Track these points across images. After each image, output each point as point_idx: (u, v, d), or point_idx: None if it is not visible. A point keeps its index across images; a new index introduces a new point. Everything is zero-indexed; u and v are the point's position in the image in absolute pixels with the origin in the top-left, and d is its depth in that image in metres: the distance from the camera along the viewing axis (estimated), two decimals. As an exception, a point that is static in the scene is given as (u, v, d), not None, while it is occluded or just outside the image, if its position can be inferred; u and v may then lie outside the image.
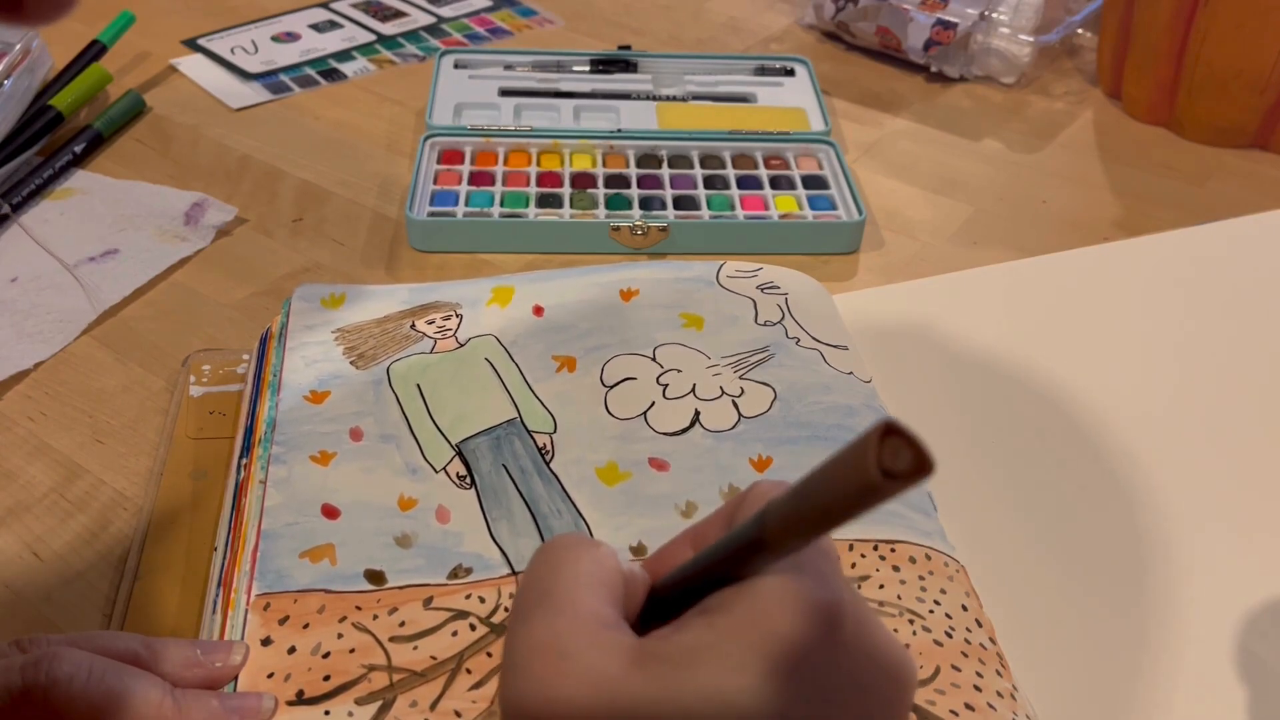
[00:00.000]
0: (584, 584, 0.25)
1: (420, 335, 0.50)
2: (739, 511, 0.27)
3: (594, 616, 0.25)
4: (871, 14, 0.80)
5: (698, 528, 0.29)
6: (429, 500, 0.43)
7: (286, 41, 0.83)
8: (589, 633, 0.24)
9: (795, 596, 0.23)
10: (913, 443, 0.19)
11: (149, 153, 0.70)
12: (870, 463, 0.19)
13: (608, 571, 0.26)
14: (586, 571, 0.26)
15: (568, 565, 0.26)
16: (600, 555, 0.27)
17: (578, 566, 0.26)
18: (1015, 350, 0.54)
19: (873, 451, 0.19)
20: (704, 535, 0.28)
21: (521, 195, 0.64)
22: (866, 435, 0.19)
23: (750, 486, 0.28)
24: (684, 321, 0.51)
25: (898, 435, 0.19)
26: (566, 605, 0.25)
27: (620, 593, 0.26)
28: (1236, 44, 0.69)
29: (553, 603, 0.25)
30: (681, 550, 0.28)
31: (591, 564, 0.26)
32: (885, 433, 0.19)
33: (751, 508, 0.26)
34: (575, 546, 0.27)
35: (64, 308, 0.56)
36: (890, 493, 0.19)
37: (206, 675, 0.36)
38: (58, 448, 0.49)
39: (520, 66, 0.76)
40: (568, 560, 0.26)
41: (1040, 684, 0.39)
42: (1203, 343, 0.56)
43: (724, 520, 0.28)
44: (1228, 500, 0.47)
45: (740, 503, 0.27)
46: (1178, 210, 0.67)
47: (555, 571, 0.26)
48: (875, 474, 0.19)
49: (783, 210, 0.64)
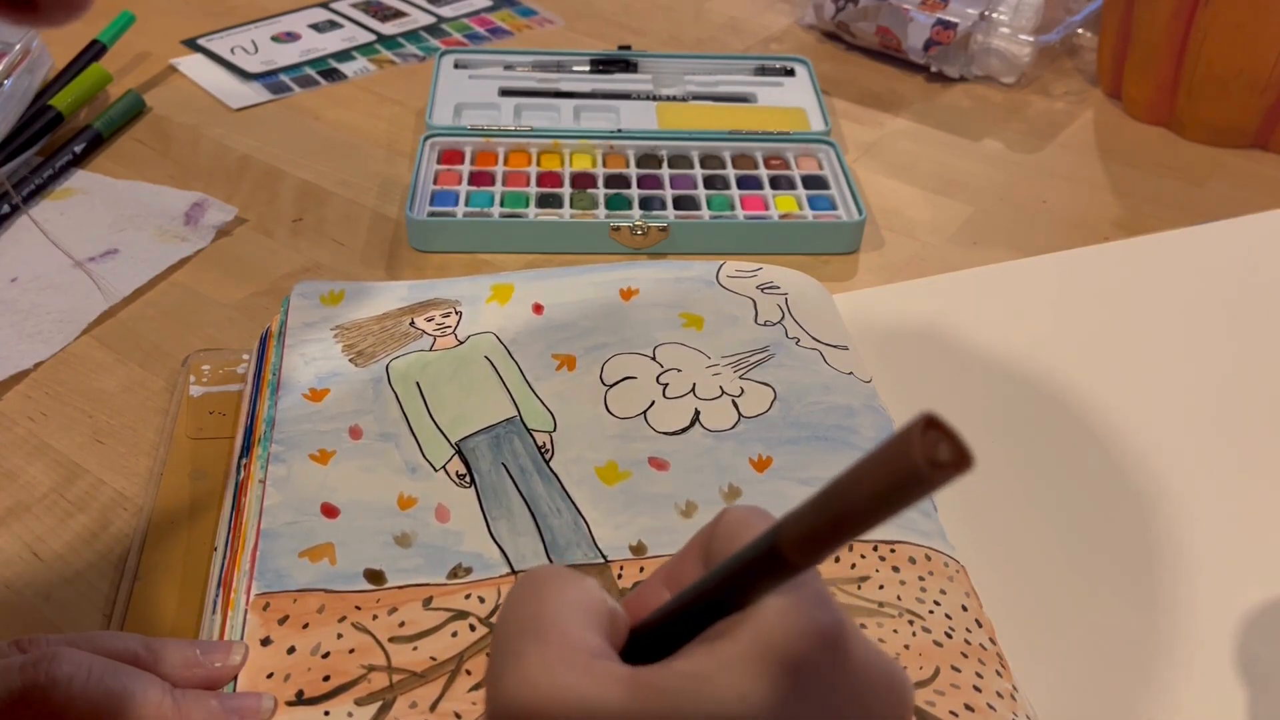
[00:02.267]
0: (572, 612, 0.24)
1: (420, 333, 0.50)
2: (712, 544, 0.26)
3: (585, 646, 0.24)
4: (871, 14, 0.80)
5: (669, 567, 0.27)
6: (428, 499, 0.43)
7: (286, 41, 0.83)
8: (581, 662, 0.23)
9: (799, 619, 0.23)
10: (952, 436, 0.19)
11: (149, 153, 0.70)
12: (916, 453, 0.18)
13: (595, 601, 0.25)
14: (573, 600, 0.25)
15: (553, 594, 0.25)
16: (586, 585, 0.26)
17: (565, 593, 0.25)
18: (1015, 350, 0.54)
19: (917, 442, 0.19)
20: (678, 573, 0.27)
21: (521, 195, 0.64)
22: (908, 428, 0.19)
23: (718, 516, 0.26)
24: (684, 321, 0.51)
25: (937, 428, 0.19)
26: (554, 635, 0.24)
27: (608, 625, 0.25)
28: (1236, 44, 0.69)
29: (541, 632, 0.24)
30: (656, 592, 0.27)
31: (578, 593, 0.25)
32: (926, 425, 0.19)
33: (726, 538, 0.25)
34: (559, 576, 0.26)
35: (64, 308, 0.56)
36: (935, 484, 0.19)
37: (206, 675, 0.36)
38: (58, 448, 0.49)
39: (520, 66, 0.76)
40: (552, 589, 0.25)
41: (1040, 684, 0.39)
42: (1203, 343, 0.56)
43: (697, 554, 0.27)
44: (1227, 500, 0.47)
45: (710, 535, 0.26)
46: (1178, 210, 0.67)
47: (541, 600, 0.25)
48: (922, 464, 0.18)
49: (783, 210, 0.64)
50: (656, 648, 0.25)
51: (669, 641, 0.25)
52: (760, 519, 0.25)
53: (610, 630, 0.25)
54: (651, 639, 0.25)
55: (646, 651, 0.25)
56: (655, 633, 0.25)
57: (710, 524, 0.26)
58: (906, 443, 0.19)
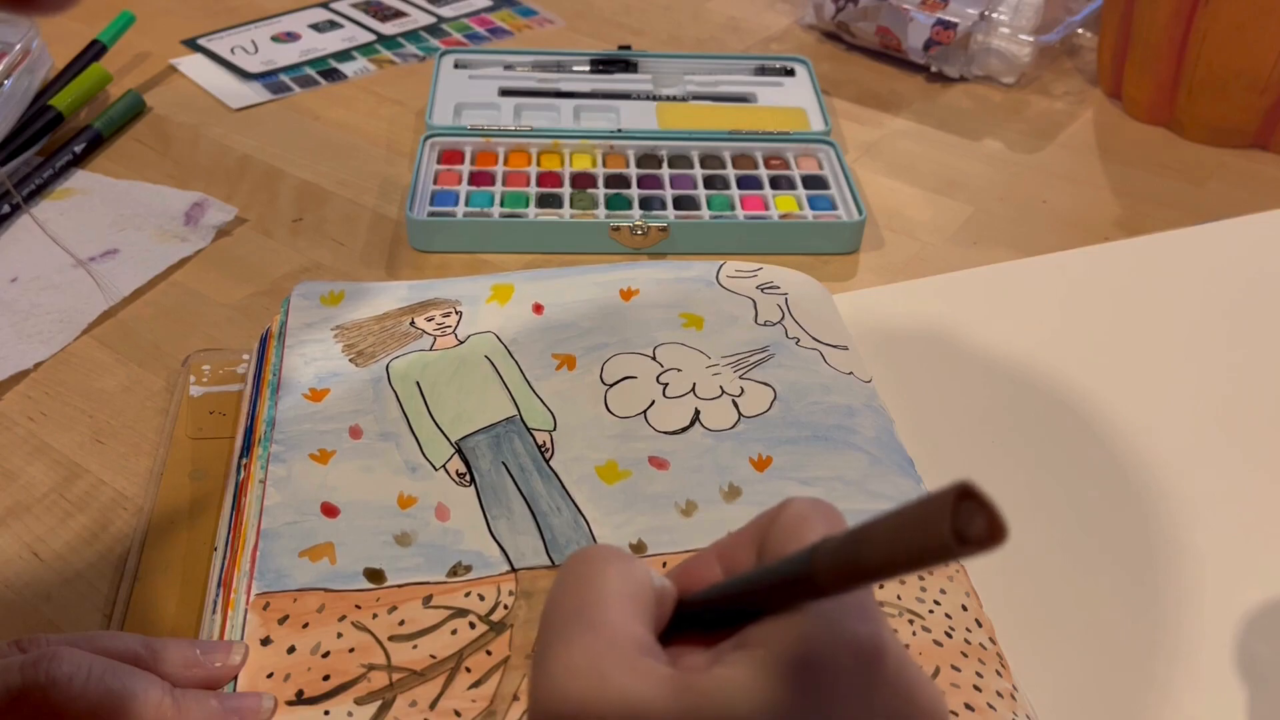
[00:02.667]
0: (619, 601, 0.25)
1: (420, 332, 0.50)
2: (771, 530, 0.26)
3: (632, 640, 0.24)
4: (871, 14, 0.80)
5: (725, 543, 0.28)
6: (428, 498, 0.43)
7: (286, 41, 0.83)
8: (628, 658, 0.23)
9: (840, 633, 0.23)
10: (987, 507, 0.18)
11: (149, 153, 0.70)
12: (945, 526, 0.18)
13: (641, 588, 0.25)
14: (620, 588, 0.25)
15: (601, 579, 0.25)
16: (634, 570, 0.26)
17: (612, 582, 0.25)
18: (1015, 350, 0.54)
19: (948, 514, 0.18)
20: (732, 551, 0.27)
21: (521, 195, 0.64)
22: (941, 495, 0.18)
23: (783, 505, 0.26)
24: (684, 321, 0.51)
25: (972, 499, 0.18)
26: (603, 625, 0.24)
27: (653, 611, 0.26)
28: (1236, 44, 0.69)
29: (588, 621, 0.24)
30: (708, 565, 0.27)
31: (626, 579, 0.25)
32: (960, 496, 0.18)
33: (787, 530, 0.25)
34: (609, 559, 0.26)
35: (64, 308, 0.56)
36: (960, 557, 0.18)
37: (206, 675, 0.36)
38: (58, 448, 0.49)
39: (520, 66, 0.76)
40: (601, 574, 0.25)
41: (1040, 684, 0.39)
42: (1203, 343, 0.56)
43: (753, 537, 0.27)
44: (1227, 499, 0.47)
45: (772, 521, 0.26)
46: (1178, 210, 0.67)
47: (589, 586, 0.25)
48: (949, 537, 0.18)
49: (783, 210, 0.64)
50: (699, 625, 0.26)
51: (711, 622, 0.25)
52: (822, 519, 0.25)
53: (657, 612, 0.26)
54: (697, 616, 0.26)
55: (690, 626, 0.26)
56: (701, 613, 0.26)
57: (773, 511, 0.26)
58: (939, 512, 0.18)
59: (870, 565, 0.21)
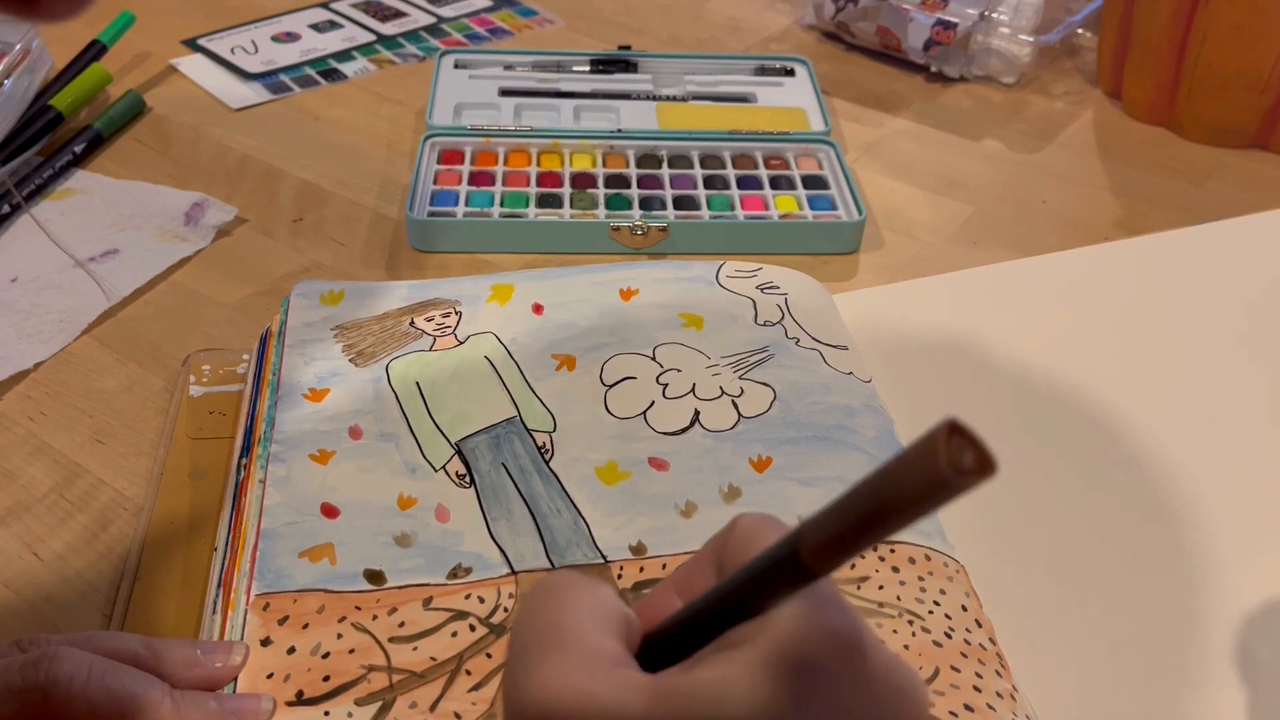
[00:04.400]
0: (589, 618, 0.24)
1: (419, 333, 0.50)
2: (725, 551, 0.26)
3: (605, 653, 0.24)
4: (871, 14, 0.80)
5: (681, 574, 0.27)
6: (428, 499, 0.43)
7: (286, 41, 0.83)
8: (603, 669, 0.23)
9: (818, 627, 0.23)
10: (976, 441, 0.19)
11: (149, 153, 0.70)
12: (941, 459, 0.19)
13: (610, 608, 0.25)
14: (589, 606, 0.25)
15: (570, 600, 0.25)
16: (601, 593, 0.25)
17: (581, 602, 0.25)
18: (1015, 350, 0.54)
19: (943, 448, 0.19)
20: (690, 580, 0.27)
21: (521, 195, 0.64)
22: (932, 434, 0.19)
23: (731, 523, 0.26)
24: (684, 321, 0.51)
25: (961, 434, 0.19)
26: (575, 639, 0.24)
27: (624, 630, 0.25)
28: (1236, 44, 0.69)
29: (559, 638, 0.24)
30: (667, 598, 0.27)
31: (594, 600, 0.25)
32: (950, 431, 0.19)
33: (740, 546, 0.25)
34: (575, 583, 0.26)
35: (64, 308, 0.56)
36: (960, 490, 0.19)
37: (206, 676, 0.36)
38: (58, 448, 0.49)
39: (520, 66, 0.76)
40: (569, 595, 0.25)
41: (1040, 684, 0.39)
42: (1203, 343, 0.56)
43: (709, 561, 0.26)
44: (1227, 499, 0.47)
45: (723, 542, 0.26)
46: (1178, 210, 0.67)
47: (558, 606, 0.25)
48: (947, 470, 0.19)
49: (783, 210, 0.64)
50: (670, 654, 0.25)
51: (683, 648, 0.25)
52: (773, 528, 0.25)
53: (626, 636, 0.25)
54: (665, 645, 0.25)
55: (660, 658, 0.25)
56: (669, 639, 0.25)
57: (723, 531, 0.26)
58: (931, 449, 0.19)
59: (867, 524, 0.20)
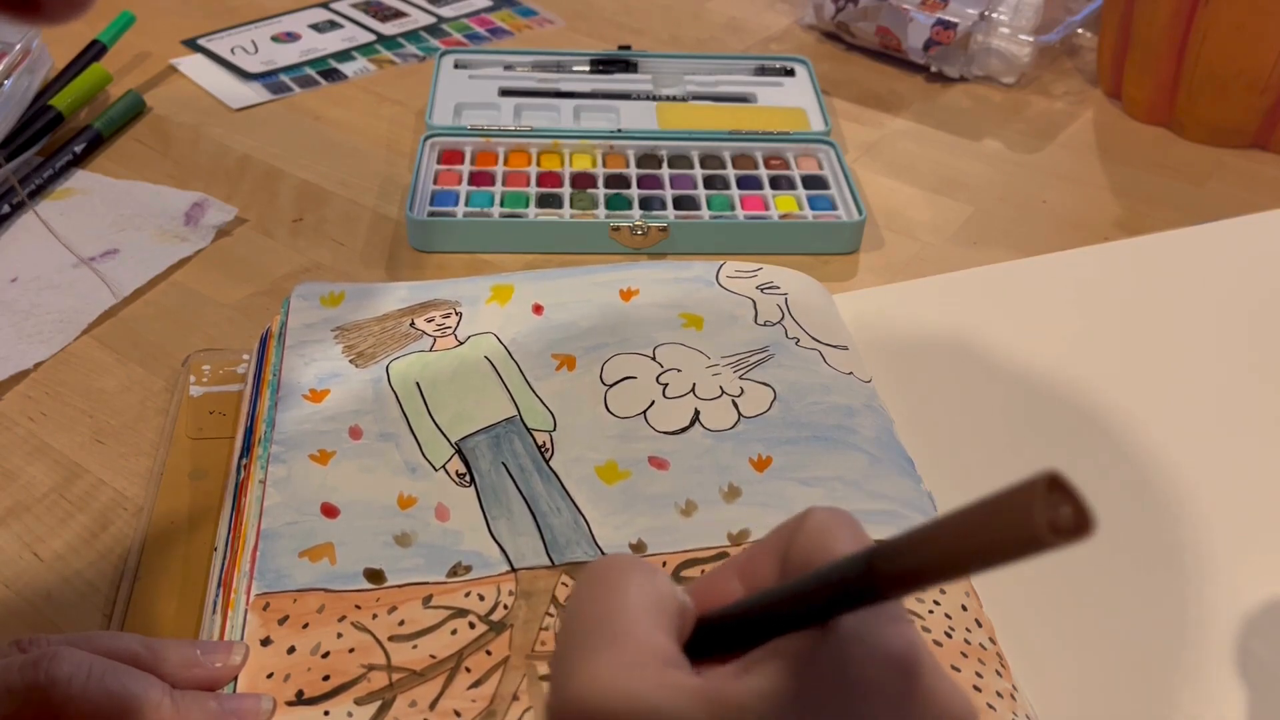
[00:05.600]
0: (643, 613, 0.24)
1: (419, 333, 0.50)
2: (795, 541, 0.25)
3: (660, 654, 0.23)
4: (871, 14, 0.80)
5: (744, 558, 0.27)
6: (428, 499, 0.43)
7: (286, 41, 0.83)
8: (654, 671, 0.23)
9: (879, 648, 0.22)
10: (1076, 499, 0.18)
11: (149, 153, 0.70)
12: (1037, 514, 0.17)
13: (665, 599, 0.25)
14: (644, 599, 0.24)
15: (623, 590, 0.24)
16: (656, 582, 0.25)
17: (635, 593, 0.24)
18: (1015, 350, 0.54)
19: (1040, 502, 0.17)
20: (753, 566, 0.26)
21: (521, 195, 0.64)
22: (1030, 485, 0.18)
23: (804, 516, 0.25)
24: (684, 321, 0.51)
25: (1061, 489, 0.18)
26: (627, 637, 0.23)
27: (677, 623, 0.25)
28: (1236, 44, 0.69)
29: (612, 633, 0.23)
30: (727, 580, 0.26)
31: (649, 590, 0.24)
32: (1050, 486, 0.18)
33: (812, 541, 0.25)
34: (631, 569, 0.25)
35: (64, 308, 0.56)
36: (1050, 548, 0.18)
37: (206, 676, 0.36)
38: (58, 448, 0.49)
39: (520, 66, 0.76)
40: (623, 584, 0.24)
41: (1040, 684, 0.39)
42: (1203, 343, 0.56)
43: (774, 549, 0.26)
44: (1227, 499, 0.47)
45: (794, 532, 0.25)
46: (1178, 210, 0.67)
47: (611, 596, 0.24)
48: (1043, 529, 0.17)
49: (783, 210, 0.64)
50: (722, 644, 0.24)
51: (738, 639, 0.24)
52: (845, 527, 0.25)
53: (680, 627, 0.25)
54: (718, 634, 0.25)
55: (710, 646, 0.25)
56: (723, 629, 0.25)
57: (792, 522, 0.26)
58: (1027, 503, 0.18)
59: (946, 566, 0.20)
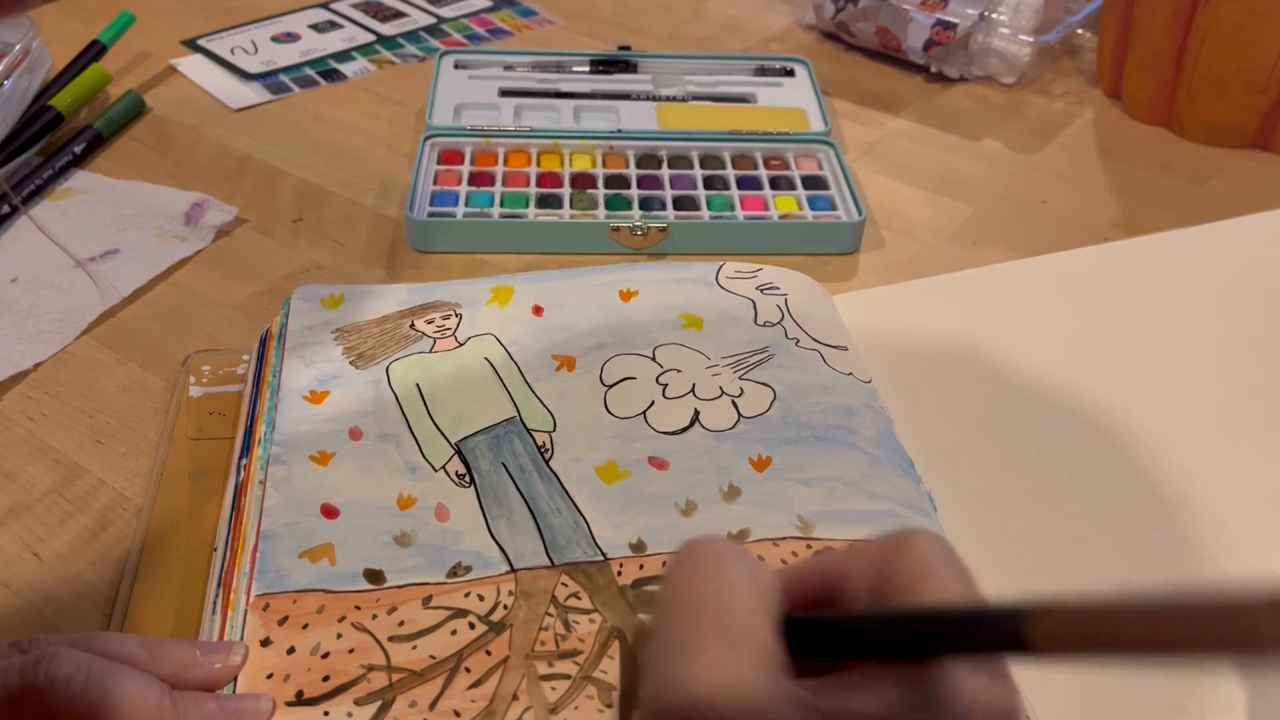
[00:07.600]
0: (752, 607, 0.23)
1: (419, 335, 0.50)
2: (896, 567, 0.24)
3: (769, 652, 0.23)
4: (871, 14, 0.80)
5: (836, 563, 0.26)
6: (428, 499, 0.43)
7: (286, 42, 0.83)
8: (772, 678, 0.22)
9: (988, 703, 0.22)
10: None
11: (149, 153, 0.70)
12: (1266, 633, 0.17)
13: (764, 584, 0.24)
14: (752, 590, 0.24)
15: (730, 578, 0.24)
16: (757, 570, 0.24)
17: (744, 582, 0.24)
18: (1015, 350, 0.54)
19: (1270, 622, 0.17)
20: (844, 573, 0.26)
21: (521, 195, 0.64)
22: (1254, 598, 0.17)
23: (905, 541, 0.25)
24: (684, 322, 0.51)
25: None
26: (742, 633, 0.23)
27: (774, 610, 0.24)
28: (1236, 44, 0.69)
29: (723, 625, 0.23)
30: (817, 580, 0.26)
31: (756, 581, 0.24)
32: None
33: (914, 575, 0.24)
34: (733, 556, 0.24)
35: (64, 308, 0.56)
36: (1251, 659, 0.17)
37: (206, 676, 0.36)
38: (58, 448, 0.49)
39: (520, 67, 0.76)
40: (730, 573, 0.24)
41: (1040, 684, 0.39)
42: (1203, 343, 0.56)
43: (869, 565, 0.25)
44: (1227, 499, 0.47)
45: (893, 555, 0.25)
46: (1178, 210, 0.67)
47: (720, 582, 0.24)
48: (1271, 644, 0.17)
49: (783, 210, 0.64)
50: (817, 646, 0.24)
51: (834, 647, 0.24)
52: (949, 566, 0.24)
53: (775, 617, 0.25)
54: (815, 635, 0.25)
55: (802, 644, 0.24)
56: (819, 632, 0.25)
57: (894, 541, 0.25)
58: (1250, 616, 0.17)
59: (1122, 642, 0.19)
